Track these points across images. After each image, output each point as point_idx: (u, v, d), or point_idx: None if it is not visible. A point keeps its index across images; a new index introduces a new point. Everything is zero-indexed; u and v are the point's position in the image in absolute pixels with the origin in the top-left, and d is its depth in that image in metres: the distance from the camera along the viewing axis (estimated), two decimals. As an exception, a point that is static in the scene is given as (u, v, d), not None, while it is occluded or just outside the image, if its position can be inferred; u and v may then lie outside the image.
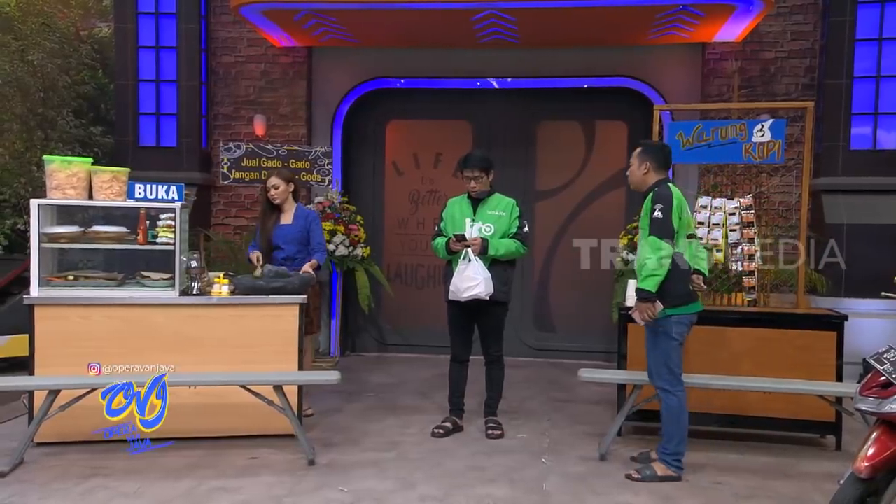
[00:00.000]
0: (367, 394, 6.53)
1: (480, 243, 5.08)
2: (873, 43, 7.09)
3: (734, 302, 5.72)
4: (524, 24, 7.12)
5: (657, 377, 4.51)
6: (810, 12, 7.44)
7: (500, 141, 8.19)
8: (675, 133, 5.98)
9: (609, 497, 4.23)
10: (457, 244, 5.10)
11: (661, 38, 7.53)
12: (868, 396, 3.38)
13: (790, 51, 7.48)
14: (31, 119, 7.95)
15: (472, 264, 5.06)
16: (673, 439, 4.46)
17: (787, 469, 4.71)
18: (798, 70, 7.47)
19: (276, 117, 8.10)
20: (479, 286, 5.04)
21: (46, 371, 4.85)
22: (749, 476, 4.58)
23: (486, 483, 4.40)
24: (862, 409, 3.42)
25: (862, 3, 7.07)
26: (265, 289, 5.11)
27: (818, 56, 7.39)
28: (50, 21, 8.40)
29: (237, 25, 8.00)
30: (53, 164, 5.00)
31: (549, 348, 8.17)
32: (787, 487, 4.39)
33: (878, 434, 3.32)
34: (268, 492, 4.20)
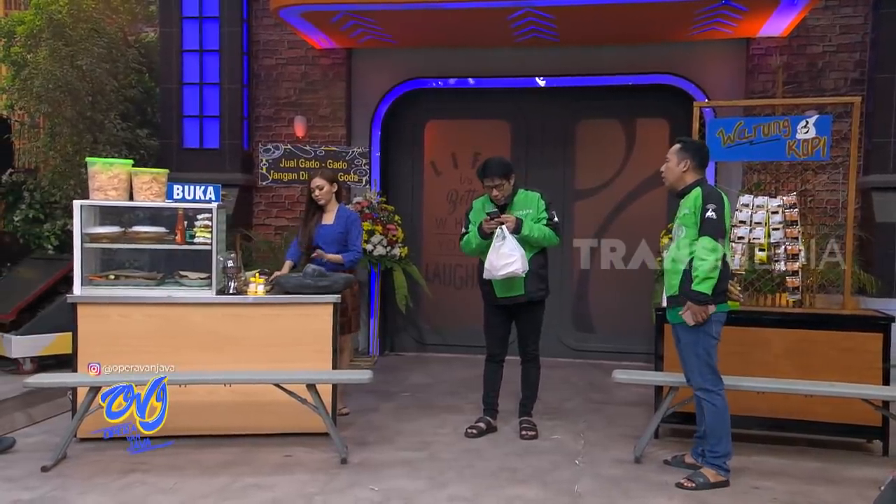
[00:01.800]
0: (404, 393, 6.55)
1: (515, 220, 5.03)
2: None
3: (778, 303, 5.59)
4: (562, 22, 7.05)
5: (700, 378, 4.40)
6: (860, 5, 7.22)
7: (539, 140, 8.15)
8: (716, 130, 5.87)
9: (642, 500, 4.17)
10: (490, 223, 5.04)
11: (704, 34, 7.39)
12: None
13: (839, 45, 7.28)
14: (81, 123, 8.13)
15: (507, 241, 4.99)
16: (721, 440, 4.36)
17: (830, 474, 4.58)
18: (847, 65, 7.26)
19: (315, 118, 8.17)
20: (515, 263, 4.96)
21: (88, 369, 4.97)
22: (790, 481, 4.48)
23: (517, 484, 4.38)
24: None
25: (915, -6, 6.84)
26: (311, 287, 5.16)
27: (868, 50, 7.17)
28: (98, 27, 8.58)
29: (278, 28, 8.09)
30: (95, 165, 5.13)
31: (588, 349, 8.09)
32: (830, 493, 4.28)
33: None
34: (300, 489, 4.24)
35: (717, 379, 4.38)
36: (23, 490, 4.22)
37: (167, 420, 4.87)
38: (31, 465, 4.57)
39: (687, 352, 4.45)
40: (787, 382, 4.82)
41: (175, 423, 4.95)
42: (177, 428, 4.96)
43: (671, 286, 4.46)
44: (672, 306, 4.47)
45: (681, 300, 4.33)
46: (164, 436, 4.76)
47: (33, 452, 4.80)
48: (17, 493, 4.18)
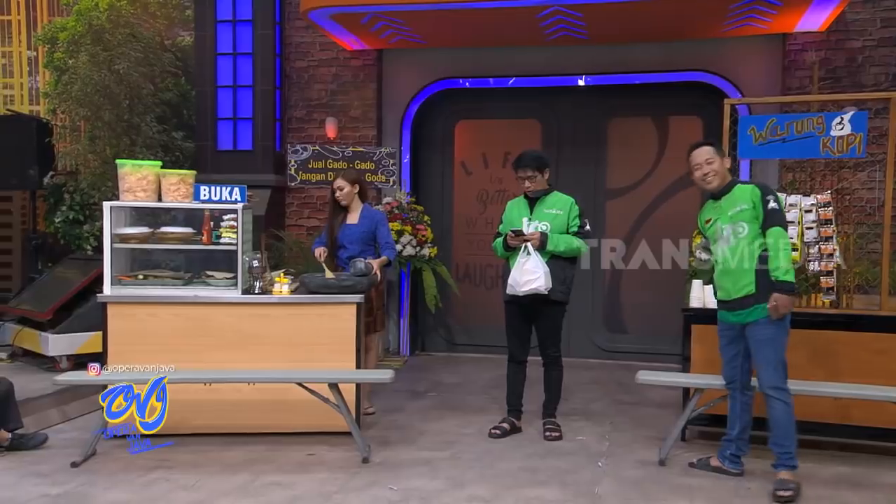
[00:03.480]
0: (431, 393, 6.56)
1: (539, 237, 5.04)
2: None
3: (813, 303, 5.46)
4: (592, 20, 6.99)
5: (774, 375, 4.25)
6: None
7: (570, 139, 8.09)
8: (748, 128, 5.75)
9: (662, 501, 4.11)
10: (514, 239, 5.06)
11: (738, 30, 7.25)
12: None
13: (879, 39, 7.06)
14: (118, 126, 8.30)
15: (531, 258, 5.01)
16: (792, 439, 4.25)
17: (860, 479, 4.46)
18: (889, 59, 7.03)
19: (346, 119, 8.22)
20: (538, 280, 4.98)
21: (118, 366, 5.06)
22: (818, 485, 4.36)
23: (537, 485, 4.34)
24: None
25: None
26: (335, 287, 5.21)
27: (911, 44, 6.95)
28: (136, 31, 8.75)
29: (310, 31, 8.15)
30: (125, 167, 5.23)
31: (620, 350, 7.99)
32: (857, 497, 4.17)
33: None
34: (319, 488, 4.27)
35: (787, 375, 4.30)
36: (51, 485, 4.32)
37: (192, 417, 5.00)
38: (61, 461, 4.68)
39: (766, 349, 4.26)
40: (815, 384, 4.69)
41: (201, 420, 5.08)
42: (202, 426, 5.07)
43: (744, 286, 4.28)
44: (748, 306, 4.28)
45: (760, 297, 4.21)
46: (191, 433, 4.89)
47: (64, 448, 4.92)
48: (45, 487, 4.29)
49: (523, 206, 5.29)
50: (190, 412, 4.99)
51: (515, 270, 5.05)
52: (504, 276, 5.27)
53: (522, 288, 5.02)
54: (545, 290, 5.01)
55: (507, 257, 5.22)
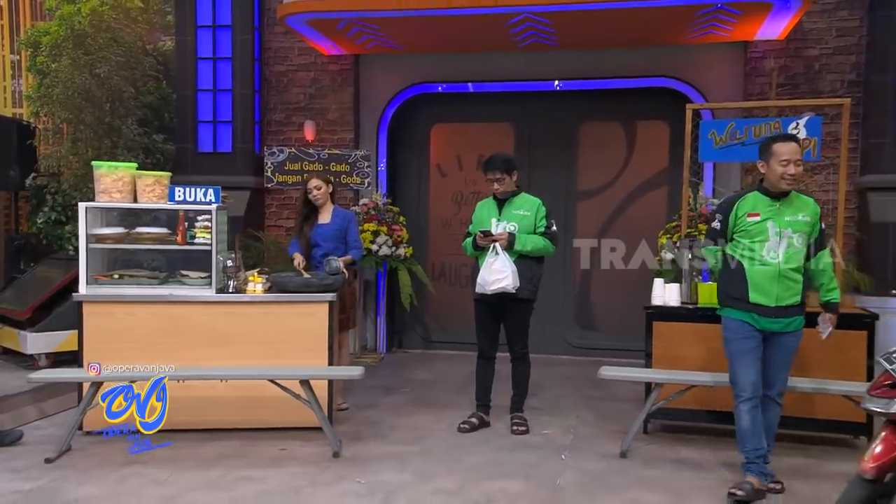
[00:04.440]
0: (405, 389, 6.56)
1: (507, 237, 5.06)
2: (923, 37, 6.72)
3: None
4: (561, 27, 7.02)
5: (785, 385, 4.25)
6: (856, 8, 7.08)
7: (542, 142, 8.12)
8: (708, 132, 5.82)
9: (622, 494, 4.14)
10: (483, 240, 5.08)
11: (702, 38, 7.31)
12: (877, 396, 3.22)
13: (835, 47, 7.15)
14: (100, 128, 8.24)
15: (499, 258, 5.03)
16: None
17: (810, 469, 4.52)
18: (843, 67, 7.13)
19: (324, 122, 8.20)
20: (506, 279, 5.00)
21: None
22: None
23: (502, 478, 4.36)
24: (870, 409, 3.26)
25: (910, -2, 6.72)
26: (315, 286, 5.21)
27: (864, 52, 7.03)
28: (117, 36, 8.69)
29: (288, 36, 8.13)
30: (101, 169, 5.21)
31: (590, 346, 8.03)
32: (806, 487, 4.23)
33: (886, 434, 3.16)
34: (290, 482, 4.26)
35: None
36: (24, 481, 4.29)
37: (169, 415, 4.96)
38: (35, 457, 4.65)
39: (791, 358, 4.19)
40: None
41: (176, 417, 4.97)
42: (178, 422, 4.98)
43: (794, 294, 4.05)
44: (792, 315, 4.07)
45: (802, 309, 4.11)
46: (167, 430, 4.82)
47: (40, 445, 4.88)
48: (18, 483, 4.26)
49: (492, 206, 5.31)
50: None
51: (484, 270, 5.07)
52: (474, 275, 5.28)
53: (491, 287, 5.05)
54: (513, 288, 5.03)
55: (477, 257, 5.24)
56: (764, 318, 4.05)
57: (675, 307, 5.31)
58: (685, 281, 5.45)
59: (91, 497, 4.06)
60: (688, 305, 5.30)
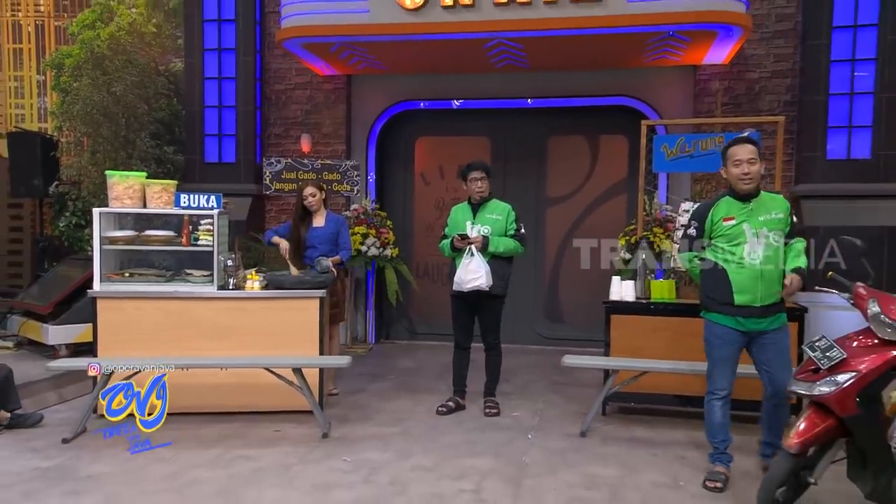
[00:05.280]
0: (389, 376, 6.54)
1: (482, 240, 5.05)
2: (847, 63, 6.79)
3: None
4: (531, 51, 7.03)
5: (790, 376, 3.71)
6: (790, 37, 7.15)
7: (515, 154, 8.12)
8: (661, 146, 5.85)
9: (580, 469, 4.14)
10: (461, 242, 5.07)
11: (657, 61, 7.34)
12: (802, 380, 3.24)
13: (773, 71, 7.20)
14: (116, 141, 8.19)
15: (475, 259, 5.03)
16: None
17: (747, 446, 4.50)
18: (780, 88, 7.18)
19: (319, 136, 8.17)
20: (480, 278, 5.00)
21: (106, 354, 4.99)
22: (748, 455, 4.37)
23: (474, 456, 4.35)
24: (796, 391, 3.28)
25: (836, 28, 6.79)
26: (309, 283, 5.19)
27: (798, 76, 7.09)
28: (133, 58, 8.65)
29: (287, 58, 8.09)
30: (114, 178, 5.16)
31: (558, 337, 8.03)
32: (745, 462, 4.23)
33: (809, 414, 3.19)
34: (282, 460, 4.23)
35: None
36: (43, 459, 4.25)
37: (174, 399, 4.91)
38: (54, 438, 4.61)
39: (786, 354, 3.88)
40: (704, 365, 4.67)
41: (181, 401, 4.98)
42: (182, 406, 4.99)
43: (774, 293, 3.78)
44: (773, 313, 3.82)
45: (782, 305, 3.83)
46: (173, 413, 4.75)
47: (58, 427, 4.83)
48: (37, 461, 4.22)
49: (467, 211, 5.29)
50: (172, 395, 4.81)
51: (461, 270, 5.06)
52: (452, 274, 5.27)
53: (467, 285, 5.04)
54: (487, 286, 5.03)
55: (454, 257, 5.22)
56: (749, 319, 3.79)
57: (631, 302, 5.31)
58: (640, 278, 5.46)
59: (103, 474, 4.03)
60: (642, 300, 5.31)
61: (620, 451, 4.45)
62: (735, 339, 3.86)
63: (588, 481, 3.94)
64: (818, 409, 3.16)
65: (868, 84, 6.78)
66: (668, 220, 6.65)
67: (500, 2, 6.43)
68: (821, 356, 3.15)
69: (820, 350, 3.18)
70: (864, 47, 6.78)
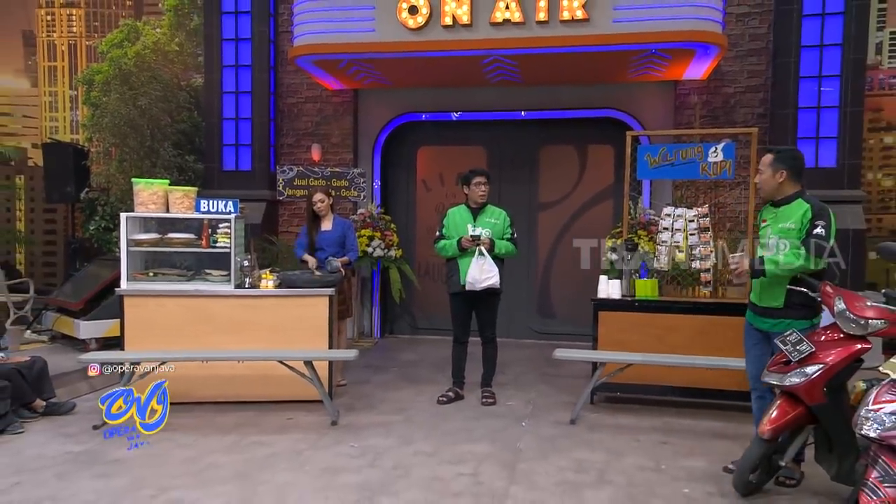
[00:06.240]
0: (393, 368, 6.53)
1: (490, 242, 5.05)
2: (814, 80, 6.83)
3: (694, 294, 5.53)
4: (524, 67, 7.03)
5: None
6: (763, 55, 7.15)
7: (509, 163, 8.11)
8: (644, 155, 5.82)
9: (570, 453, 4.14)
10: (469, 243, 5.05)
11: (640, 77, 7.33)
12: (774, 372, 3.24)
13: (747, 86, 7.20)
14: (142, 151, 8.20)
15: (487, 259, 5.02)
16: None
17: (725, 432, 4.53)
18: (753, 102, 7.18)
19: (328, 145, 8.16)
20: (494, 277, 5.04)
21: (132, 348, 5.00)
22: (692, 437, 4.44)
23: (472, 442, 4.35)
24: (768, 382, 3.28)
25: (804, 47, 6.83)
26: (319, 281, 5.19)
27: (769, 91, 7.09)
28: (157, 74, 8.66)
29: (298, 74, 8.09)
30: (139, 185, 5.16)
31: (550, 332, 8.01)
32: (721, 446, 4.25)
33: (780, 403, 3.19)
34: (293, 446, 4.23)
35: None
36: (75, 444, 4.26)
37: (194, 389, 4.93)
38: (84, 424, 4.62)
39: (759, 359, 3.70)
40: (697, 358, 4.75)
41: (200, 392, 5.01)
42: (202, 396, 5.01)
43: (772, 297, 3.61)
44: (775, 318, 3.60)
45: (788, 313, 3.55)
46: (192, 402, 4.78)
47: (88, 414, 4.84)
48: (70, 446, 4.23)
49: (466, 213, 5.28)
50: (192, 385, 4.94)
51: (474, 270, 5.03)
52: (450, 273, 5.26)
53: (481, 284, 5.03)
54: (497, 284, 5.04)
55: (456, 257, 5.20)
56: (755, 316, 3.73)
57: (617, 299, 5.31)
58: (625, 277, 5.46)
59: (129, 458, 4.02)
60: (627, 298, 5.31)
61: (607, 438, 4.45)
62: (751, 332, 3.76)
63: (577, 465, 3.94)
64: (789, 399, 3.16)
65: (833, 99, 6.82)
66: (651, 224, 6.66)
67: (496, 22, 6.43)
68: (791, 349, 3.16)
69: (791, 344, 3.19)
70: (829, 65, 6.81)
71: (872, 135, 71.33)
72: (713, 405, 5.02)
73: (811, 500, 3.46)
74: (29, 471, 3.83)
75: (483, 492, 3.55)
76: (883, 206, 61.69)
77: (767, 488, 3.53)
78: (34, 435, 4.46)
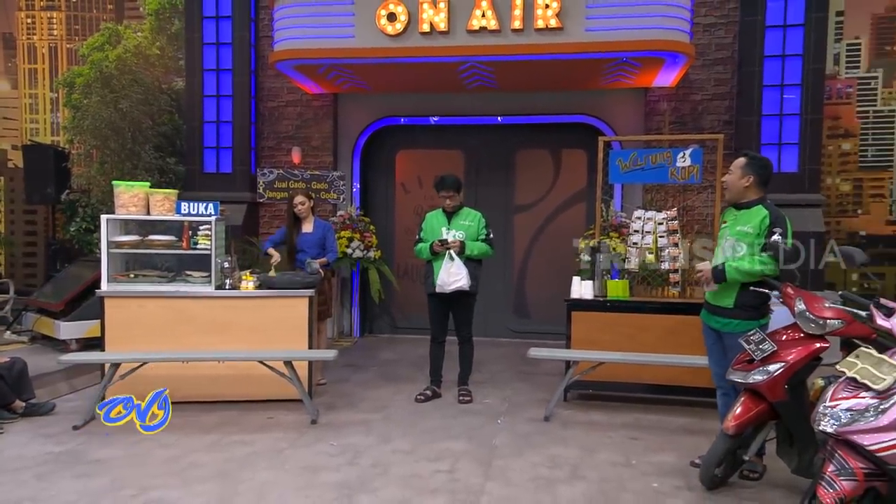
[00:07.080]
0: (372, 367, 6.50)
1: (460, 244, 5.05)
2: (777, 88, 6.97)
3: (663, 294, 5.59)
4: (500, 74, 7.05)
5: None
6: (728, 64, 7.27)
7: (486, 166, 8.13)
8: (616, 160, 5.87)
9: (544, 450, 4.16)
10: (440, 247, 5.06)
11: (612, 84, 7.40)
12: (738, 370, 3.29)
13: (713, 94, 7.30)
14: (123, 153, 8.07)
15: (455, 262, 5.02)
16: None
17: (694, 427, 4.59)
18: (719, 109, 7.29)
19: (309, 149, 8.10)
20: (462, 279, 5.03)
21: (113, 349, 4.92)
22: (662, 433, 4.48)
23: (449, 439, 4.34)
24: (733, 380, 3.33)
25: (768, 57, 6.96)
26: (299, 283, 5.14)
27: (735, 98, 7.21)
28: (138, 77, 8.53)
29: (279, 78, 8.02)
30: (120, 187, 5.07)
31: (525, 331, 8.03)
32: (688, 441, 4.29)
33: (744, 399, 3.24)
34: (274, 445, 4.20)
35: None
36: (55, 444, 4.18)
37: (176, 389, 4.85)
38: (65, 425, 4.53)
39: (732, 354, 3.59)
40: (666, 356, 4.81)
41: (182, 391, 4.93)
42: (183, 396, 4.93)
43: (723, 297, 3.63)
44: (725, 317, 3.63)
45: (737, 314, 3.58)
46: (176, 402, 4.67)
47: (69, 414, 4.75)
48: (49, 446, 4.15)
49: (442, 217, 5.29)
50: (174, 385, 4.81)
51: (443, 273, 5.04)
52: (427, 275, 5.26)
53: (450, 287, 5.03)
54: (467, 286, 5.04)
55: (431, 260, 5.21)
56: (708, 314, 3.76)
57: (590, 300, 5.35)
58: (597, 278, 5.49)
59: (110, 458, 3.96)
60: (599, 298, 5.34)
61: (580, 434, 4.48)
62: (707, 331, 3.80)
63: (551, 461, 3.96)
64: (752, 396, 3.22)
65: (795, 106, 6.96)
66: (622, 226, 6.71)
67: (473, 29, 6.44)
68: (754, 348, 3.21)
69: (754, 343, 3.24)
70: (791, 74, 6.96)
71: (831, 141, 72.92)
72: (681, 402, 5.08)
73: (773, 492, 3.52)
74: (9, 471, 3.75)
75: (459, 488, 3.55)
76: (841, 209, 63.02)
77: (732, 481, 3.58)
78: (14, 436, 4.36)
